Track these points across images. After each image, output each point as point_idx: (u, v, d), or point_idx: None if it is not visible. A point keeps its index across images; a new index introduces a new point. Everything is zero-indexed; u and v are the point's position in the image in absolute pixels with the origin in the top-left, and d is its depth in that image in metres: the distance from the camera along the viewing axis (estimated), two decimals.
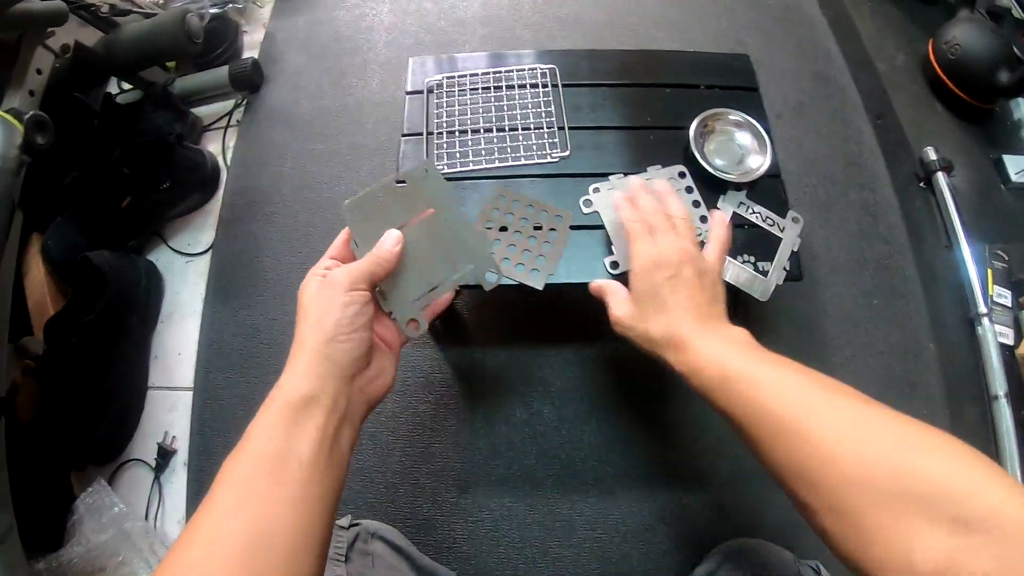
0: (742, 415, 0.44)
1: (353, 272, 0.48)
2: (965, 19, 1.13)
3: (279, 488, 0.38)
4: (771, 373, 0.44)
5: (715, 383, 0.47)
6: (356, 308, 0.46)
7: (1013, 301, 0.95)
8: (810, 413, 0.39)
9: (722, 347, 0.49)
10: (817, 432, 0.38)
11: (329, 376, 0.43)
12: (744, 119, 0.76)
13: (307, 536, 0.38)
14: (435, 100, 0.79)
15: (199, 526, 0.36)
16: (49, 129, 0.81)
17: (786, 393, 0.42)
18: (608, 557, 0.75)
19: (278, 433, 0.40)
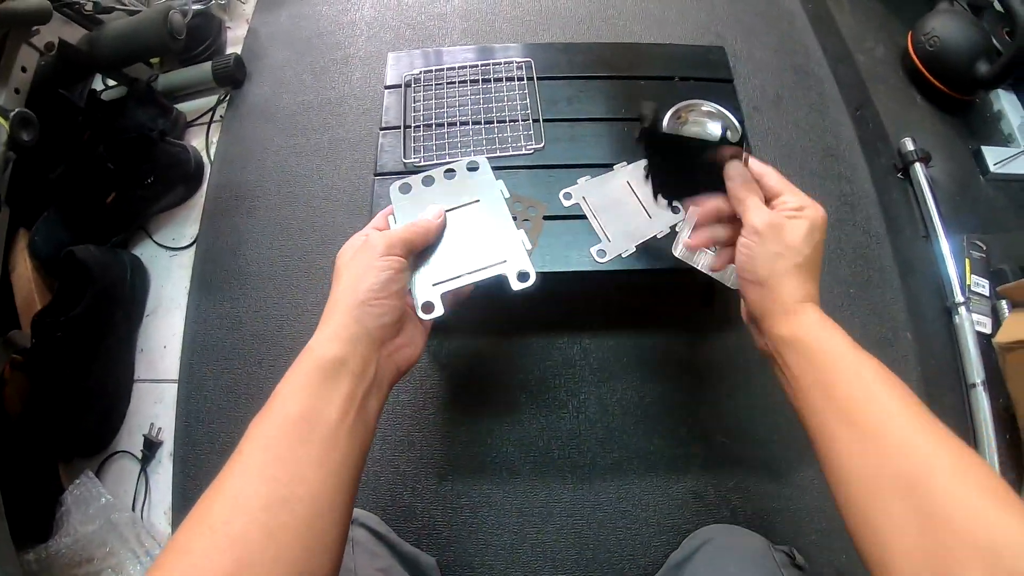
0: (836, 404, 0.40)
1: (391, 237, 0.48)
2: (944, 11, 1.13)
3: (304, 450, 0.38)
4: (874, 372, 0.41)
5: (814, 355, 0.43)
6: (390, 274, 0.46)
7: (991, 290, 0.96)
8: (908, 431, 0.37)
9: (829, 325, 0.45)
10: (920, 456, 0.35)
11: (359, 340, 0.43)
12: (717, 110, 0.77)
13: (331, 499, 0.38)
14: (413, 94, 0.80)
15: (223, 486, 0.36)
16: (35, 126, 0.81)
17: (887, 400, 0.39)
18: (585, 543, 0.76)
19: (306, 395, 0.40)
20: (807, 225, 0.48)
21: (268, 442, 0.38)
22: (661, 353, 0.87)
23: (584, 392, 0.84)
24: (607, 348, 0.86)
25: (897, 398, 0.39)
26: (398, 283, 0.46)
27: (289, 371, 0.42)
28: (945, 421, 0.84)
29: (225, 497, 0.35)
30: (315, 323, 0.44)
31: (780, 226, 0.47)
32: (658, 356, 0.86)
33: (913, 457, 0.35)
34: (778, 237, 0.47)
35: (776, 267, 0.47)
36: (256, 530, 0.33)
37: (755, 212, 0.49)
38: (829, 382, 0.42)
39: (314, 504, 0.36)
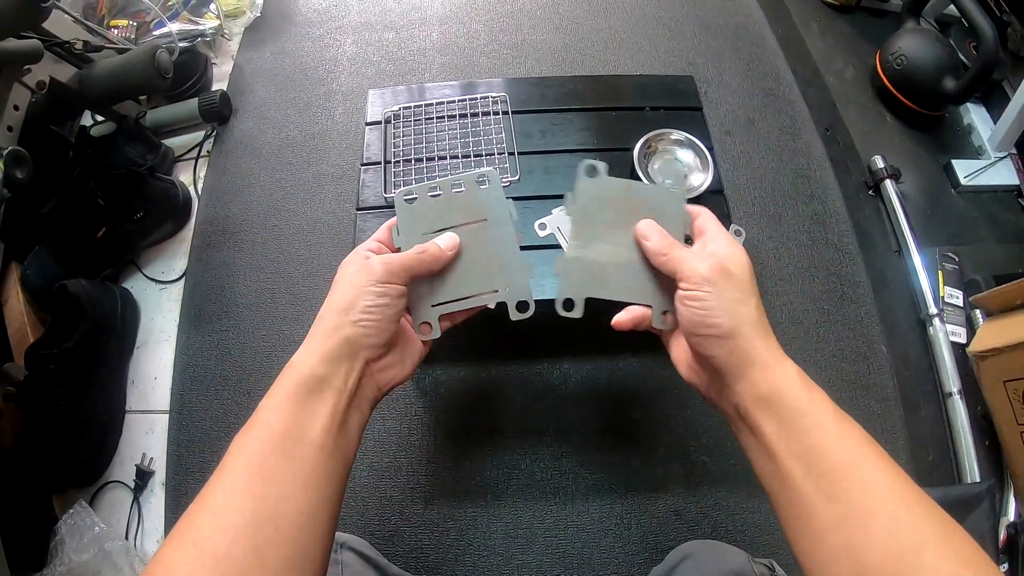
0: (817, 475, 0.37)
1: (392, 264, 0.46)
2: (910, 30, 1.17)
3: (289, 467, 0.38)
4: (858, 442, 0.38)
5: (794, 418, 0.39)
6: (387, 300, 0.45)
7: (964, 301, 0.99)
8: (895, 507, 0.34)
9: (810, 384, 0.41)
10: (908, 535, 0.33)
11: (343, 357, 0.42)
12: (686, 138, 0.79)
13: (314, 516, 0.37)
14: (393, 130, 0.83)
15: (206, 502, 0.36)
16: (28, 164, 0.83)
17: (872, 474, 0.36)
18: (570, 562, 0.78)
19: (289, 412, 0.40)
20: (746, 262, 0.45)
21: (252, 458, 0.38)
22: (638, 375, 0.89)
23: (565, 415, 0.86)
24: (586, 372, 0.88)
25: (882, 472, 0.36)
26: (394, 308, 0.45)
27: (273, 387, 0.41)
28: (923, 431, 0.87)
29: (209, 513, 0.35)
30: None
31: (728, 269, 0.43)
32: (635, 378, 0.89)
33: (902, 536, 0.33)
34: (732, 281, 0.43)
35: (741, 315, 0.42)
36: (241, 547, 0.33)
37: (693, 260, 0.45)
38: (811, 451, 0.37)
39: (298, 520, 0.36)
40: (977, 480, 0.84)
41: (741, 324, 0.41)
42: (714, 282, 0.43)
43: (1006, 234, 1.08)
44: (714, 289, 0.42)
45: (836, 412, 0.39)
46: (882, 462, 0.36)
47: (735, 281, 0.43)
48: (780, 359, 0.41)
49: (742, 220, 0.99)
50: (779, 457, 0.39)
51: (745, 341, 0.41)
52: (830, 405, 0.39)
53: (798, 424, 0.38)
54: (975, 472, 0.85)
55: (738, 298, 0.42)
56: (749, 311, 0.42)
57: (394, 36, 1.23)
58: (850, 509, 0.35)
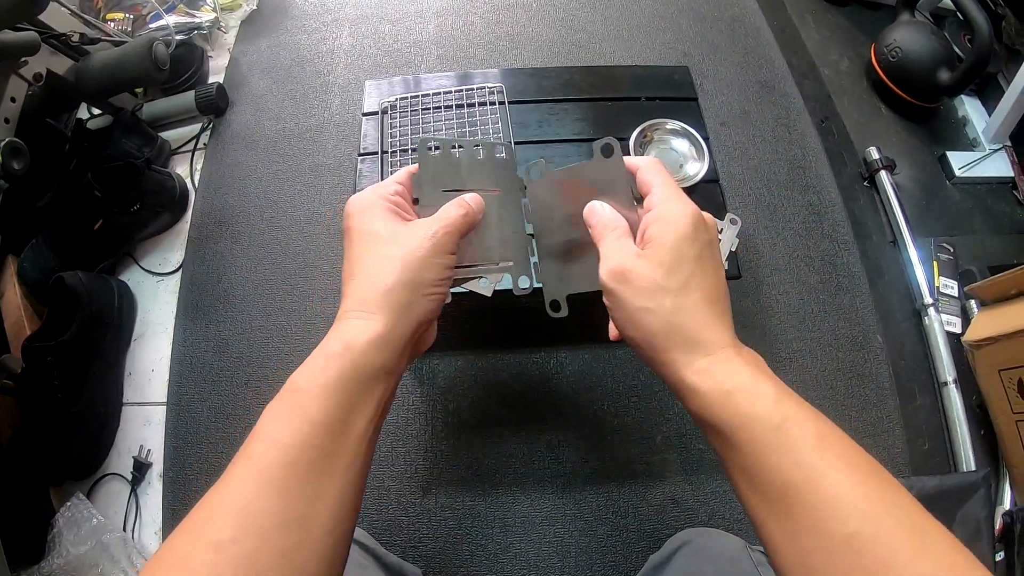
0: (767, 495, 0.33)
1: (453, 232, 0.41)
2: (905, 22, 1.17)
3: (327, 463, 0.33)
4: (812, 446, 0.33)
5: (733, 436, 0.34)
6: (450, 272, 0.41)
7: (959, 291, 0.99)
8: (860, 521, 0.30)
9: (747, 387, 0.35)
10: (875, 548, 0.30)
11: (398, 344, 0.38)
12: (681, 128, 0.80)
13: (347, 512, 0.34)
14: (390, 120, 0.83)
15: (229, 496, 0.32)
16: (24, 155, 0.83)
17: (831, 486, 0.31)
18: (567, 550, 0.78)
19: (336, 402, 0.35)
20: (669, 244, 0.37)
21: (286, 450, 0.33)
22: (635, 364, 0.89)
23: (562, 404, 0.86)
24: (583, 361, 0.89)
25: (840, 470, 0.31)
26: (448, 282, 0.41)
27: (315, 363, 0.36)
28: (919, 420, 0.87)
29: (233, 511, 0.31)
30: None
31: (628, 272, 0.37)
32: (632, 367, 0.89)
33: (861, 551, 0.29)
34: (633, 287, 0.37)
35: (650, 327, 0.36)
36: (268, 551, 0.30)
37: (603, 259, 0.39)
38: (755, 468, 0.33)
39: (331, 520, 0.33)
40: (973, 469, 0.85)
41: (650, 338, 0.37)
42: (612, 293, 0.38)
43: (1001, 225, 1.08)
44: (612, 302, 0.39)
45: (782, 421, 0.33)
46: (844, 466, 0.32)
47: (640, 283, 0.37)
48: (709, 372, 0.35)
49: (738, 210, 0.99)
50: (729, 470, 0.36)
51: (660, 356, 0.37)
52: (772, 412, 0.33)
53: (738, 442, 0.34)
54: (971, 461, 0.85)
55: (643, 306, 0.36)
56: (657, 320, 0.36)
57: (390, 28, 1.23)
58: (804, 523, 0.31)
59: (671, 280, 0.36)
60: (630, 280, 0.37)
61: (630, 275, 0.37)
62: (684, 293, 0.36)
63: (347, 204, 0.42)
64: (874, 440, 0.86)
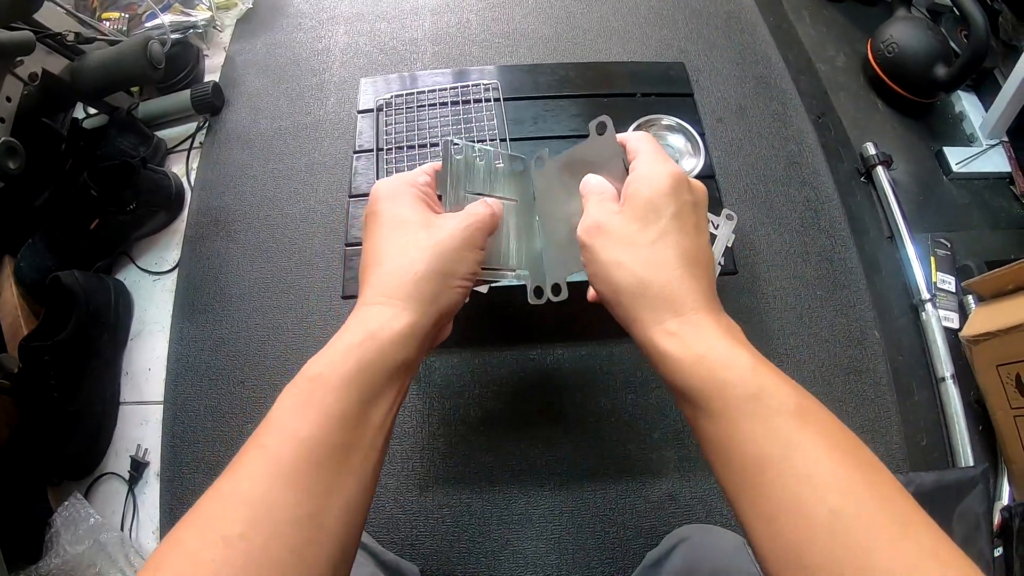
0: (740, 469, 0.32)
1: (486, 228, 0.41)
2: (901, 18, 1.17)
3: (344, 457, 0.32)
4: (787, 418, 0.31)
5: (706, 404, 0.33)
6: (478, 268, 0.41)
7: (957, 286, 0.99)
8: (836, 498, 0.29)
9: (731, 335, 0.35)
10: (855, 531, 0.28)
11: (420, 340, 0.37)
12: (677, 123, 0.80)
13: (360, 506, 0.33)
14: (385, 118, 0.83)
15: (241, 488, 0.30)
16: (20, 155, 0.83)
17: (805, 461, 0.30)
18: (564, 547, 0.78)
19: (357, 394, 0.33)
20: (644, 198, 0.37)
21: (302, 443, 0.31)
22: (632, 361, 0.89)
23: (559, 401, 0.86)
24: (580, 358, 0.89)
25: (818, 447, 0.30)
26: (474, 278, 0.41)
27: (339, 357, 0.34)
28: (917, 416, 0.87)
29: (244, 504, 0.30)
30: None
31: (602, 225, 0.38)
32: (629, 364, 0.89)
33: (841, 534, 0.28)
34: (607, 239, 0.37)
35: (621, 280, 0.36)
36: (279, 546, 0.29)
37: (582, 221, 0.40)
38: (728, 439, 0.32)
39: (345, 515, 0.32)
40: (971, 464, 0.84)
41: (619, 290, 0.36)
42: (588, 247, 0.38)
43: (998, 220, 1.08)
44: (587, 256, 0.39)
45: (757, 389, 0.31)
46: (822, 442, 0.30)
47: (613, 235, 0.37)
48: (680, 334, 0.34)
49: (734, 206, 0.99)
50: (702, 442, 0.34)
51: (629, 311, 0.36)
52: (748, 379, 0.32)
53: (711, 413, 0.32)
54: (969, 456, 0.85)
55: (614, 259, 0.36)
56: (628, 273, 0.36)
57: (386, 26, 1.23)
58: (780, 502, 0.29)
59: (644, 234, 0.36)
60: (604, 233, 0.37)
61: (604, 227, 0.37)
62: (657, 248, 0.36)
63: (375, 188, 0.41)
64: (872, 436, 0.86)
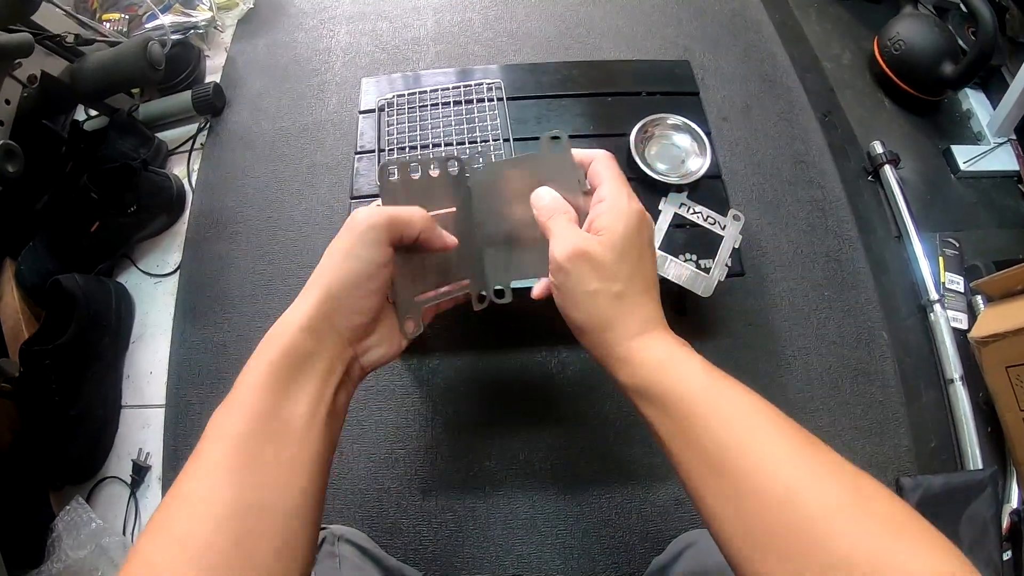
0: (701, 454, 0.35)
1: (392, 224, 0.41)
2: (908, 15, 1.16)
3: (272, 450, 0.34)
4: (738, 407, 0.36)
5: (665, 401, 0.37)
6: (370, 268, 0.40)
7: (965, 286, 0.98)
8: (790, 472, 0.32)
9: (677, 357, 0.39)
10: (810, 502, 0.30)
11: (327, 336, 0.39)
12: (683, 123, 0.79)
13: (301, 500, 0.35)
14: (387, 118, 0.82)
15: (182, 492, 0.33)
16: (19, 158, 0.83)
17: (760, 440, 0.34)
18: (570, 552, 0.77)
19: (271, 390, 0.36)
20: (621, 232, 0.40)
21: (232, 442, 0.34)
22: None
23: (563, 404, 0.85)
24: (584, 360, 0.88)
25: (772, 436, 0.34)
26: (375, 281, 0.41)
27: (252, 360, 0.37)
28: (925, 418, 0.86)
29: (186, 504, 0.32)
30: None
31: (586, 253, 0.40)
32: None
33: (802, 503, 0.30)
34: (588, 267, 0.40)
35: (596, 308, 0.40)
36: (223, 539, 0.31)
37: (557, 240, 0.42)
38: (689, 431, 0.35)
39: (283, 507, 0.34)
40: (980, 467, 0.83)
41: (595, 318, 0.40)
42: (568, 271, 0.40)
43: (1006, 220, 1.07)
44: (567, 280, 0.40)
45: (711, 384, 0.36)
46: (771, 427, 0.34)
47: (594, 266, 0.39)
48: (640, 345, 0.39)
49: (740, 206, 0.98)
50: (664, 440, 0.38)
51: (601, 335, 0.40)
52: (701, 378, 0.37)
53: (670, 407, 0.36)
54: (978, 459, 0.84)
55: (594, 288, 0.39)
56: (606, 301, 0.39)
57: (388, 26, 1.22)
58: (738, 485, 0.32)
59: (621, 266, 0.40)
60: (587, 260, 0.40)
61: (588, 255, 0.40)
62: (630, 280, 0.40)
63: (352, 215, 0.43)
64: (880, 438, 0.85)
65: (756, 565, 0.31)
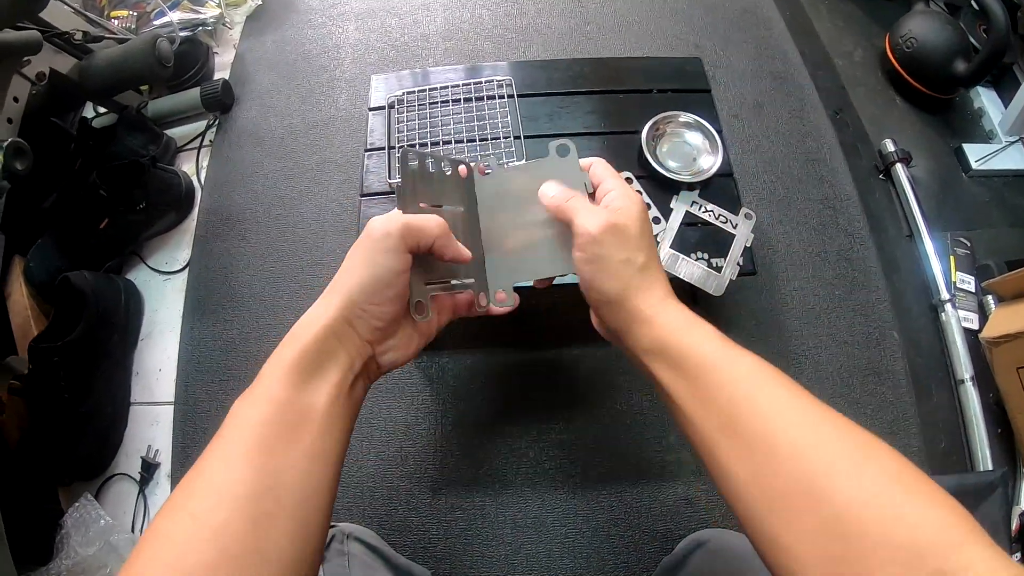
0: (715, 412, 0.37)
1: (412, 233, 0.42)
2: (920, 12, 1.15)
3: (292, 436, 0.36)
4: (750, 369, 0.38)
5: (682, 362, 0.40)
6: (389, 276, 0.41)
7: (976, 286, 0.97)
8: (798, 431, 0.34)
9: (694, 323, 0.42)
10: (815, 459, 0.32)
11: (347, 337, 0.41)
12: (695, 120, 0.78)
13: (317, 486, 0.37)
14: (397, 115, 0.82)
15: (203, 473, 0.34)
16: (28, 156, 0.82)
17: (770, 400, 0.36)
18: (579, 552, 0.77)
19: (291, 381, 0.38)
20: (637, 212, 0.44)
21: (253, 427, 0.36)
22: None
23: (573, 403, 0.85)
24: (595, 358, 0.87)
25: (781, 396, 0.36)
26: (395, 287, 0.42)
27: (274, 355, 0.40)
28: (935, 418, 0.86)
29: (207, 484, 0.34)
30: None
31: (617, 225, 0.43)
32: None
33: (807, 460, 0.32)
34: (621, 238, 0.43)
35: (626, 277, 0.43)
36: (240, 520, 0.32)
37: (585, 215, 0.44)
38: (703, 390, 0.38)
39: (300, 492, 0.35)
40: (990, 468, 0.83)
41: (627, 287, 0.43)
42: (602, 242, 0.43)
43: (1018, 219, 1.06)
44: (601, 249, 0.43)
45: (724, 348, 0.39)
46: (781, 389, 0.36)
47: (624, 237, 0.43)
48: (662, 309, 0.42)
49: (752, 204, 0.98)
50: (678, 401, 0.40)
51: (630, 302, 0.43)
52: (716, 342, 0.40)
53: (687, 367, 0.39)
54: (988, 460, 0.84)
55: (626, 258, 0.43)
56: (634, 271, 0.43)
57: (397, 22, 1.22)
58: (750, 442, 0.34)
59: (642, 240, 0.44)
60: (620, 232, 0.43)
61: (619, 228, 0.43)
62: (650, 253, 0.44)
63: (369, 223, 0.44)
64: (891, 439, 0.83)
65: (766, 522, 0.33)
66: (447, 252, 0.45)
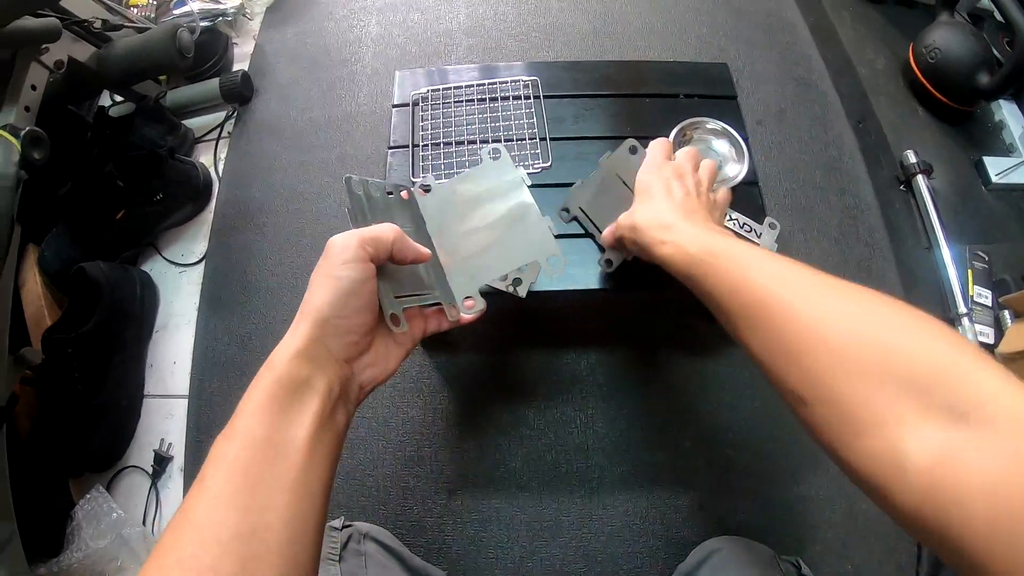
0: (727, 292, 0.44)
1: (346, 235, 0.43)
2: (945, 23, 1.14)
3: (273, 474, 0.36)
4: (756, 254, 0.44)
5: (699, 259, 0.47)
6: (352, 285, 0.42)
7: (993, 301, 0.97)
8: (796, 292, 0.39)
9: (707, 229, 0.50)
10: (804, 312, 0.37)
11: (323, 359, 0.41)
12: (722, 127, 0.77)
13: (302, 522, 0.36)
14: (421, 112, 0.81)
15: (188, 517, 0.34)
16: (45, 144, 0.82)
17: (772, 273, 0.41)
18: (594, 556, 0.77)
19: (270, 416, 0.37)
20: (642, 180, 0.59)
21: (234, 466, 0.35)
22: (665, 367, 0.87)
23: (591, 407, 0.84)
24: (613, 363, 0.87)
25: (806, 274, 0.41)
26: (361, 296, 0.42)
27: (250, 388, 0.39)
28: None
29: (192, 528, 0.33)
30: None
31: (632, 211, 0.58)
32: (663, 370, 0.87)
33: (825, 332, 0.36)
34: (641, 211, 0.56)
35: (664, 209, 0.54)
36: (228, 562, 0.32)
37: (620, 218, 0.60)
38: (735, 282, 0.43)
39: (286, 529, 0.35)
40: None
41: (662, 216, 0.54)
42: (640, 197, 0.59)
43: None
44: (642, 200, 0.58)
45: (763, 253, 0.45)
46: (805, 274, 0.41)
47: (642, 209, 0.57)
48: (714, 227, 0.52)
49: (774, 212, 0.97)
50: (715, 296, 0.45)
51: (665, 223, 0.53)
52: (756, 249, 0.46)
53: (727, 261, 0.45)
54: None
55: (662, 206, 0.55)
56: (669, 207, 0.55)
57: (420, 17, 1.21)
58: (785, 323, 0.38)
59: (642, 198, 0.58)
60: (639, 202, 0.58)
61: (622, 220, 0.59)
62: (653, 199, 0.56)
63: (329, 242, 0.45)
64: None
65: (780, 377, 0.38)
66: (407, 254, 0.46)
